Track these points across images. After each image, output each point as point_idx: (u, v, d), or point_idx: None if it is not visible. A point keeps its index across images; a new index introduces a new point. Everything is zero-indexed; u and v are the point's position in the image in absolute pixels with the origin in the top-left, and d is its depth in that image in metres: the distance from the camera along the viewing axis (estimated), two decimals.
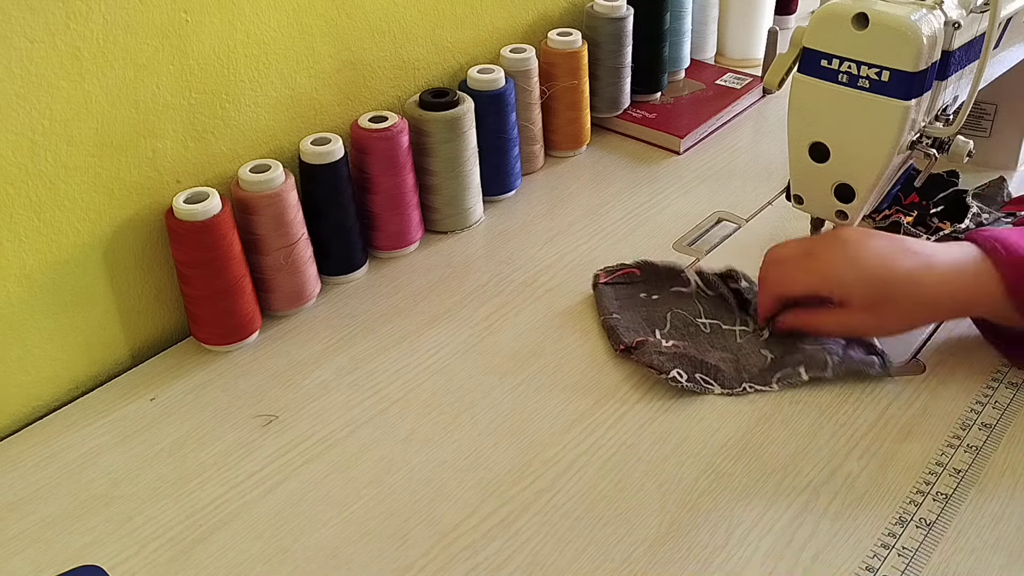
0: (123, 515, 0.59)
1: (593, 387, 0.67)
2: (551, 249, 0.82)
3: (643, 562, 0.55)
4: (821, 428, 0.63)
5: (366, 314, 0.75)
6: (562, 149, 0.95)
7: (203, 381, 0.69)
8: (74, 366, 0.69)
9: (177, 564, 0.56)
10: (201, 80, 0.69)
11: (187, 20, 0.66)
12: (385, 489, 0.60)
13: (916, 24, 0.59)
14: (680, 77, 1.06)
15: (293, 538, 0.57)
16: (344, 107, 0.80)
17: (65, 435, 0.65)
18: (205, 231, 0.67)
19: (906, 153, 0.66)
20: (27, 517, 0.59)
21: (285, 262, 0.72)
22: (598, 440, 0.63)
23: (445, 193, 0.82)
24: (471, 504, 0.59)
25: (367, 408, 0.66)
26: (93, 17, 0.61)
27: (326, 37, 0.77)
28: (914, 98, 0.61)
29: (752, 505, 0.58)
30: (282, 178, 0.71)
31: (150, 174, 0.68)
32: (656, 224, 0.85)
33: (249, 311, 0.71)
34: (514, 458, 0.62)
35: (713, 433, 0.63)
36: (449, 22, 0.87)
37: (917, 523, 0.56)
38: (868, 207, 0.69)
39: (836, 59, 0.62)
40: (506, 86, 0.84)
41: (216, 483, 0.61)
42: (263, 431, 0.65)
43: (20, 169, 0.61)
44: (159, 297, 0.72)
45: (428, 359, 0.70)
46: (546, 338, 0.72)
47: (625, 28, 0.94)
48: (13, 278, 0.63)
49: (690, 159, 0.95)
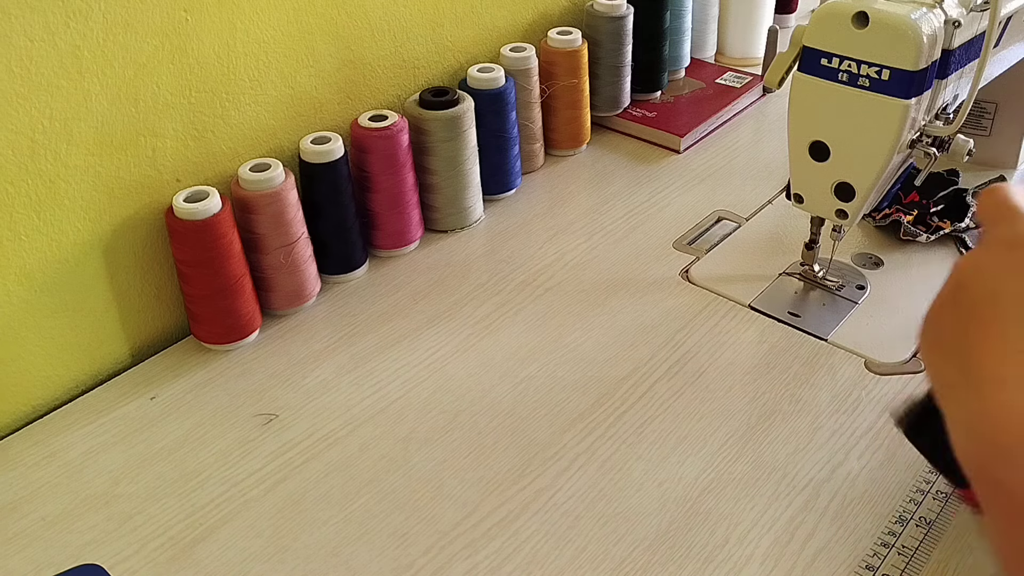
0: (123, 514, 0.59)
1: (593, 387, 0.67)
2: (551, 248, 0.82)
3: (643, 561, 0.55)
4: (821, 427, 0.63)
5: (366, 313, 0.75)
6: (562, 148, 0.95)
7: (203, 380, 0.69)
8: (74, 365, 0.69)
9: (177, 563, 0.56)
10: (201, 79, 0.69)
11: (187, 19, 0.66)
12: (385, 488, 0.60)
13: (916, 23, 0.59)
14: (680, 76, 1.06)
15: (293, 537, 0.57)
16: (344, 106, 0.80)
17: (65, 434, 0.65)
18: (205, 230, 0.67)
19: (906, 152, 0.66)
20: (27, 516, 0.59)
21: (285, 261, 0.72)
22: (598, 439, 0.63)
23: (445, 192, 0.82)
24: (471, 503, 0.59)
25: (367, 407, 0.66)
26: (93, 16, 0.61)
27: (326, 36, 0.77)
28: (914, 97, 0.61)
29: (752, 504, 0.58)
30: (282, 177, 0.71)
31: (150, 173, 0.68)
32: (656, 223, 0.85)
33: (249, 310, 0.71)
34: (514, 457, 0.62)
35: (713, 432, 0.63)
36: (449, 21, 0.86)
37: (917, 522, 0.56)
38: (868, 206, 0.68)
39: (836, 58, 0.62)
40: (506, 85, 0.84)
41: (216, 482, 0.61)
42: (263, 430, 0.65)
43: (20, 168, 0.61)
44: (159, 296, 0.72)
45: (428, 358, 0.70)
46: (546, 337, 0.72)
47: (625, 27, 0.94)
48: (13, 277, 0.63)
49: (690, 158, 0.95)
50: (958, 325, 0.41)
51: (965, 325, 0.41)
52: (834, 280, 0.76)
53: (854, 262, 0.78)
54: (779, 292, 0.76)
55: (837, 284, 0.75)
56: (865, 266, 0.78)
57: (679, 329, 0.72)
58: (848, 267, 0.77)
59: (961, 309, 0.41)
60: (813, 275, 0.76)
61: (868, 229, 0.81)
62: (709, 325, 0.73)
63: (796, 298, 0.75)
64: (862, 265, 0.78)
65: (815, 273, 0.76)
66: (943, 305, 0.43)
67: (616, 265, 0.79)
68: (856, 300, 0.74)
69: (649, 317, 0.74)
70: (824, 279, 0.76)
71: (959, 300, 0.41)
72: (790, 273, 0.78)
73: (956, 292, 0.42)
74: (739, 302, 0.75)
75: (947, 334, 0.42)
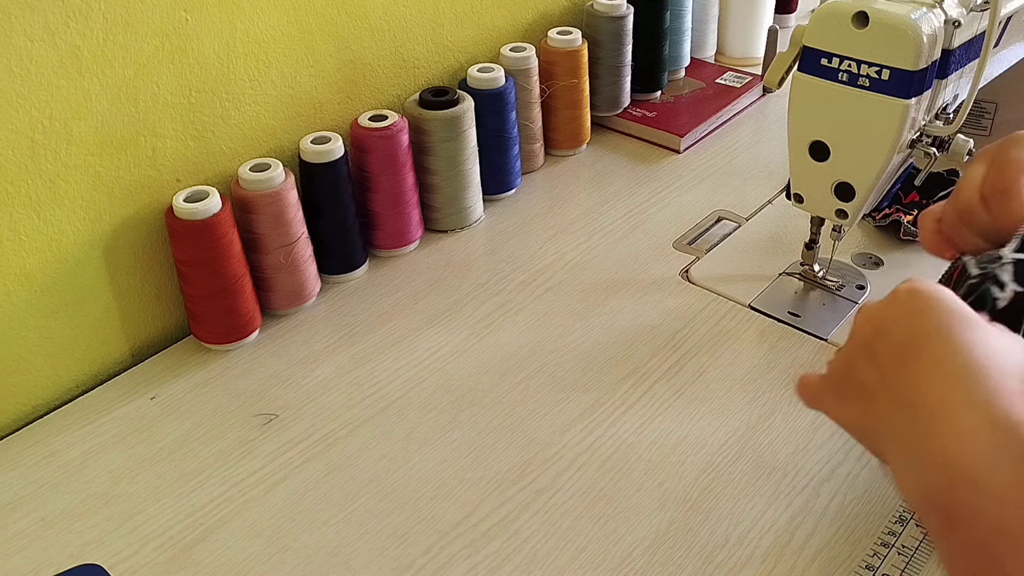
0: (123, 514, 0.59)
1: (593, 386, 0.67)
2: (551, 248, 0.82)
3: (643, 561, 0.55)
4: (821, 427, 0.63)
5: (366, 313, 0.75)
6: (562, 148, 0.95)
7: (203, 380, 0.69)
8: (74, 365, 0.69)
9: (177, 563, 0.56)
10: (201, 79, 0.69)
11: (187, 19, 0.66)
12: (385, 488, 0.60)
13: (916, 23, 0.59)
14: (680, 76, 1.06)
15: (293, 537, 0.57)
16: (344, 106, 0.80)
17: (65, 434, 0.65)
18: (205, 230, 0.67)
19: (906, 152, 0.66)
20: (27, 516, 0.59)
21: (285, 261, 0.72)
22: (598, 439, 0.63)
23: (445, 192, 0.82)
24: (471, 503, 0.59)
25: (367, 407, 0.66)
26: (93, 16, 0.61)
27: (326, 36, 0.77)
28: (914, 97, 0.61)
29: (752, 504, 0.58)
30: (282, 177, 0.71)
31: (150, 173, 0.68)
32: (656, 223, 0.85)
33: (249, 310, 0.71)
34: (514, 457, 0.62)
35: (713, 432, 0.63)
36: (449, 21, 0.86)
37: (917, 521, 0.56)
38: (868, 206, 0.68)
39: (836, 58, 0.62)
40: (506, 85, 0.84)
41: (216, 482, 0.61)
42: (263, 430, 0.65)
43: (20, 168, 0.61)
44: (159, 296, 0.72)
45: (428, 358, 0.70)
46: (546, 337, 0.72)
47: (625, 27, 0.94)
48: (13, 277, 0.63)
49: (690, 158, 0.95)
50: (881, 370, 0.42)
51: (892, 367, 0.42)
52: (834, 280, 0.76)
53: (854, 262, 0.78)
54: (779, 292, 0.76)
55: (837, 284, 0.75)
56: (865, 266, 0.78)
57: (679, 329, 0.72)
58: (848, 267, 0.77)
59: (880, 355, 0.42)
60: (813, 275, 0.76)
61: (868, 229, 0.81)
62: (709, 325, 0.73)
63: (796, 298, 0.75)
64: (862, 265, 0.78)
65: (815, 273, 0.76)
66: (852, 358, 0.45)
67: (616, 265, 0.79)
68: (856, 300, 0.74)
69: (649, 317, 0.74)
70: (824, 279, 0.76)
71: (874, 348, 0.43)
72: (790, 273, 0.78)
73: (869, 342, 0.43)
74: (739, 302, 0.75)
75: (868, 381, 0.43)
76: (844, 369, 0.46)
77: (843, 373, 0.46)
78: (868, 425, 0.44)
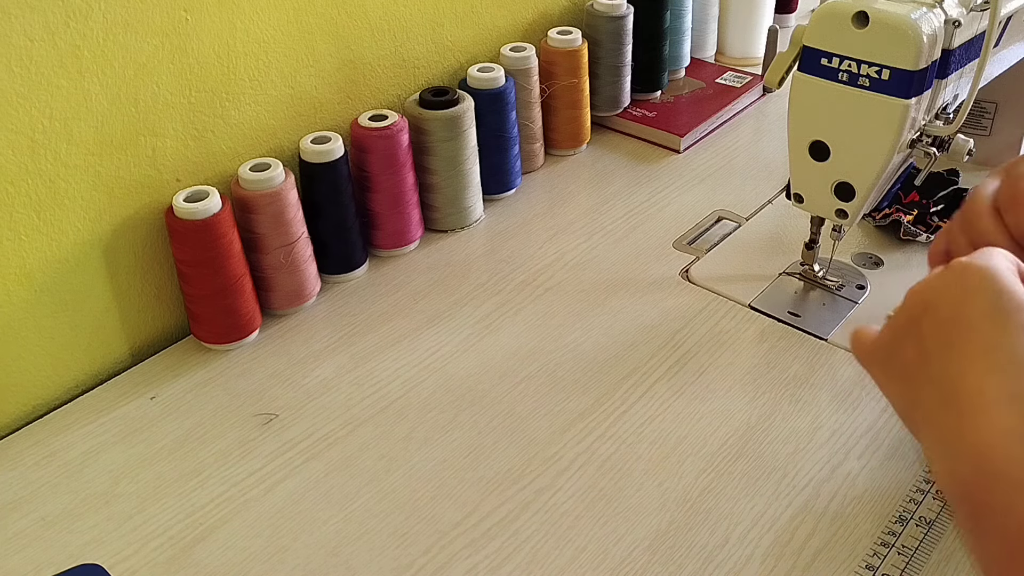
0: (123, 513, 0.59)
1: (593, 386, 0.67)
2: (551, 248, 0.82)
3: (643, 561, 0.55)
4: (821, 427, 0.63)
5: (366, 313, 0.75)
6: (562, 148, 0.95)
7: (203, 379, 0.69)
8: (74, 365, 0.69)
9: (177, 562, 0.56)
10: (201, 78, 0.69)
11: (187, 18, 0.66)
12: (385, 487, 0.60)
13: (916, 22, 0.59)
14: (680, 76, 1.06)
15: (293, 536, 0.57)
16: (344, 106, 0.80)
17: (65, 434, 0.65)
18: (205, 230, 0.67)
19: (906, 152, 0.66)
20: (27, 516, 0.59)
21: (285, 261, 0.72)
22: (598, 439, 0.63)
23: (445, 192, 0.82)
24: (471, 503, 0.59)
25: (367, 407, 0.66)
26: (93, 15, 0.61)
27: (326, 35, 0.77)
28: (914, 97, 0.61)
29: (752, 504, 0.58)
30: (282, 177, 0.71)
31: (150, 172, 0.68)
32: (656, 223, 0.85)
33: (249, 310, 0.71)
34: (514, 457, 0.62)
35: (713, 432, 0.63)
36: (449, 20, 0.86)
37: (917, 521, 0.56)
38: (868, 206, 0.68)
39: (836, 57, 0.62)
40: (506, 85, 0.84)
41: (216, 481, 0.61)
42: (263, 429, 0.65)
43: (20, 167, 0.61)
44: (159, 296, 0.72)
45: (428, 358, 0.70)
46: (546, 337, 0.72)
47: (625, 27, 0.94)
48: (13, 277, 0.63)
49: (690, 158, 0.95)
50: (924, 350, 0.41)
51: (936, 349, 0.41)
52: (834, 280, 0.76)
53: (854, 262, 0.78)
54: (779, 292, 0.76)
55: (837, 284, 0.75)
56: (865, 266, 0.78)
57: (679, 329, 0.72)
58: (848, 267, 0.77)
59: (925, 334, 0.41)
60: (813, 275, 0.76)
61: (868, 229, 0.81)
62: (709, 325, 0.73)
63: (796, 298, 0.75)
64: (862, 265, 0.78)
65: (815, 273, 0.76)
66: (899, 333, 0.44)
67: (616, 265, 0.79)
68: (856, 300, 0.74)
69: (649, 317, 0.74)
70: (824, 279, 0.76)
71: (921, 326, 0.41)
72: (790, 273, 0.78)
73: (917, 319, 0.42)
74: (739, 302, 0.75)
75: (911, 361, 0.42)
76: (890, 344, 0.44)
77: (889, 347, 0.45)
78: (907, 405, 0.44)
